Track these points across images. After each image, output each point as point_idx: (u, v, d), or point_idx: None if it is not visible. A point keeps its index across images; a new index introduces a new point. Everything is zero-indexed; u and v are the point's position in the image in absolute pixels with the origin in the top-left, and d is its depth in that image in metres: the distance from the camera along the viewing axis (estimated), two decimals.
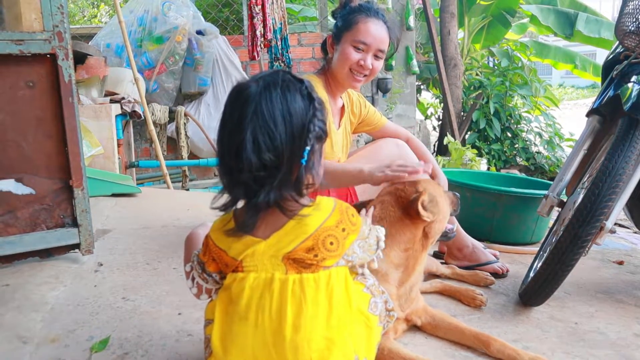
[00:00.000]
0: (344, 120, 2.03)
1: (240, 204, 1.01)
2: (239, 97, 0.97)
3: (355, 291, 1.08)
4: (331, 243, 0.98)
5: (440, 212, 1.42)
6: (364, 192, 1.93)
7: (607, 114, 1.85)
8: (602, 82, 1.95)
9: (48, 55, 1.73)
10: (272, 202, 0.95)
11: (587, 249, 1.54)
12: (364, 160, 1.89)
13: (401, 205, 1.41)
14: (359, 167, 1.68)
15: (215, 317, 1.03)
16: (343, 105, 2.03)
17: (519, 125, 7.75)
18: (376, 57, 1.88)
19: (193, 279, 1.11)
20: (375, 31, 1.84)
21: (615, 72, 1.79)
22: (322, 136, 1.00)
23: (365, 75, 1.88)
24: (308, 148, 0.95)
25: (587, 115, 1.94)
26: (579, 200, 1.62)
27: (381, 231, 1.16)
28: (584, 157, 1.91)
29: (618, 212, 1.59)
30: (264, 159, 0.92)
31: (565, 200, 1.89)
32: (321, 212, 1.00)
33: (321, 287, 0.98)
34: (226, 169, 0.98)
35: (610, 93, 1.75)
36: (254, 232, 0.99)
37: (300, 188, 0.97)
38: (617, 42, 1.88)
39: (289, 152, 0.94)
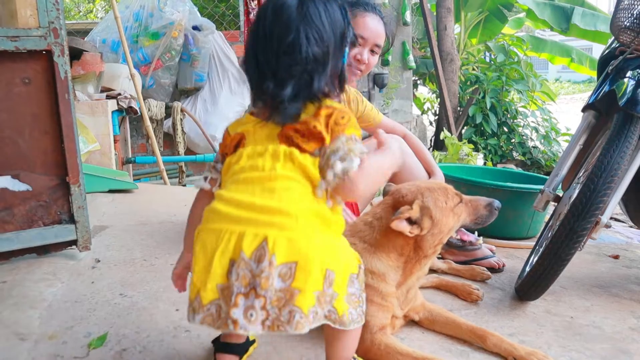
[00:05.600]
0: None
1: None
2: (281, 7, 1.07)
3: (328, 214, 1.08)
4: (314, 127, 1.05)
5: (437, 224, 1.34)
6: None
7: (602, 109, 1.86)
8: (598, 77, 1.96)
9: (44, 52, 1.72)
10: (321, 90, 1.07)
11: (582, 243, 1.55)
12: None
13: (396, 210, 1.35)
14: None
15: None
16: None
17: (515, 120, 7.74)
18: (372, 52, 1.89)
19: (205, 178, 1.20)
20: (372, 26, 1.86)
21: (610, 68, 1.80)
22: (355, 42, 1.25)
23: (360, 70, 1.90)
24: (347, 49, 1.13)
25: (583, 110, 1.95)
26: (575, 195, 1.63)
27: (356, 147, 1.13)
28: (580, 152, 1.92)
29: (613, 206, 1.60)
30: (316, 52, 1.05)
31: (561, 195, 1.90)
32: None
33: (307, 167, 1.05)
34: (268, 70, 1.07)
35: (606, 88, 1.75)
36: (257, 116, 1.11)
37: (342, 84, 1.14)
38: (613, 38, 1.89)
39: (334, 49, 1.08)
